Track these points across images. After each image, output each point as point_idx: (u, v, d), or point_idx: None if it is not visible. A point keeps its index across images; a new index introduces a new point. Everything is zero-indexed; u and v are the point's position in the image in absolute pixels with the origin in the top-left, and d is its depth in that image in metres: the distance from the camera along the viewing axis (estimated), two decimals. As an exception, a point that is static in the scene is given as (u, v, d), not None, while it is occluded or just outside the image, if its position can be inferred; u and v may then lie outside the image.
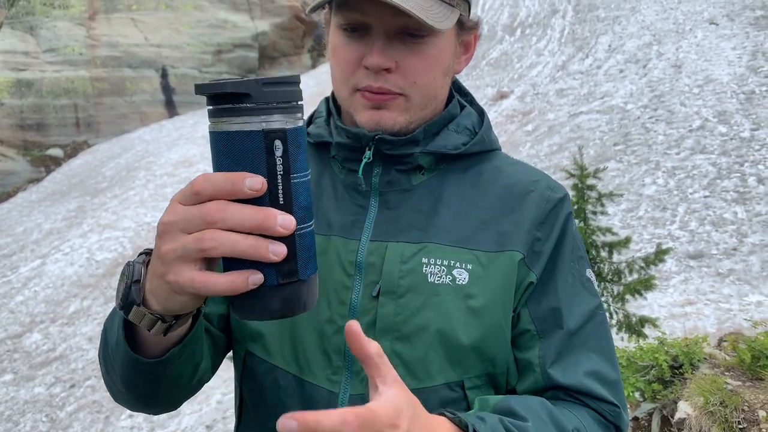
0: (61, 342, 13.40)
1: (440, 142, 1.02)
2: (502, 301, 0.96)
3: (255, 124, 0.59)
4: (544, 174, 1.08)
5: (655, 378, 4.05)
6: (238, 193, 0.58)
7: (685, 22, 18.47)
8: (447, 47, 0.99)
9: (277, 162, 0.60)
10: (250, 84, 0.59)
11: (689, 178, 11.51)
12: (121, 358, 0.82)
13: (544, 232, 0.99)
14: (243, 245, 0.58)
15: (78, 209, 21.49)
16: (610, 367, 0.96)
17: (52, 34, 31.68)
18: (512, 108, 17.61)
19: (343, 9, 0.93)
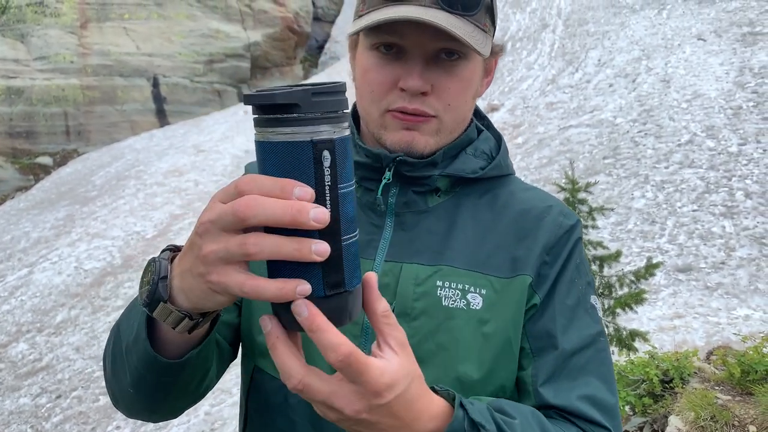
0: (48, 352, 13.26)
1: (458, 165, 1.03)
2: (514, 326, 0.97)
3: (304, 134, 0.59)
4: (558, 200, 1.10)
5: (646, 392, 4.07)
6: (286, 197, 0.57)
7: (673, 38, 18.69)
8: (477, 70, 1.01)
9: (325, 173, 0.59)
10: (300, 94, 0.59)
11: (678, 192, 11.61)
12: (138, 357, 0.81)
13: (552, 256, 1.01)
14: (287, 248, 0.57)
15: (67, 218, 21.33)
16: (607, 392, 0.96)
17: (42, 41, 31.56)
18: (503, 121, 17.71)
19: (378, 31, 0.93)
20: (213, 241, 0.60)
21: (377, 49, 0.96)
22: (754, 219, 10.42)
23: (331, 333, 0.59)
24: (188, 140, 25.81)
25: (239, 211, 0.56)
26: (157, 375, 0.83)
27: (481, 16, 0.96)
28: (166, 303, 0.71)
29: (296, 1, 36.43)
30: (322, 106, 0.59)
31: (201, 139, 25.61)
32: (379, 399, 0.63)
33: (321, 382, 0.63)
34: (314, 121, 0.59)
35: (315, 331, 0.59)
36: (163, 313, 0.72)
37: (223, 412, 8.74)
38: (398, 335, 0.66)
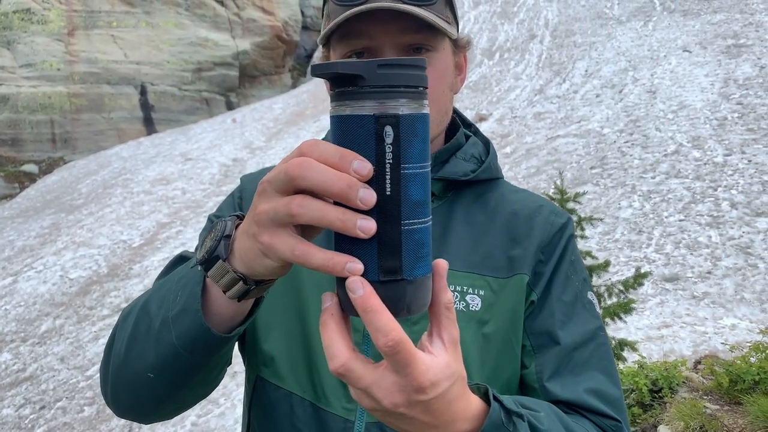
0: (32, 362, 13.10)
1: (450, 168, 1.05)
2: (513, 324, 0.98)
3: (367, 108, 0.56)
4: (547, 200, 1.12)
5: (635, 402, 4.08)
6: (343, 169, 0.55)
7: (659, 49, 18.89)
8: (449, 62, 1.03)
9: (387, 150, 0.56)
10: (364, 65, 0.56)
11: (664, 202, 11.70)
12: (180, 333, 0.77)
13: (546, 254, 1.03)
14: (331, 215, 0.55)
15: (52, 226, 21.15)
16: (612, 385, 0.98)
17: (29, 49, 31.37)
18: (491, 131, 17.79)
19: (347, 38, 0.95)
20: (267, 200, 0.59)
21: (350, 57, 0.97)
22: (739, 229, 10.52)
23: (384, 316, 0.57)
24: (176, 148, 25.70)
25: (291, 170, 0.56)
26: (198, 351, 0.79)
27: (441, 7, 0.98)
28: (224, 261, 0.69)
29: (285, 10, 36.50)
30: (390, 78, 0.56)
31: (189, 147, 25.51)
32: (421, 395, 0.61)
33: (365, 368, 0.60)
34: (379, 95, 0.56)
35: (368, 311, 0.56)
36: (218, 272, 0.70)
37: (210, 422, 8.66)
38: (453, 332, 0.64)
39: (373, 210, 0.56)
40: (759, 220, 10.62)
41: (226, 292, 0.71)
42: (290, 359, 0.98)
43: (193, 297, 0.76)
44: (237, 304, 0.74)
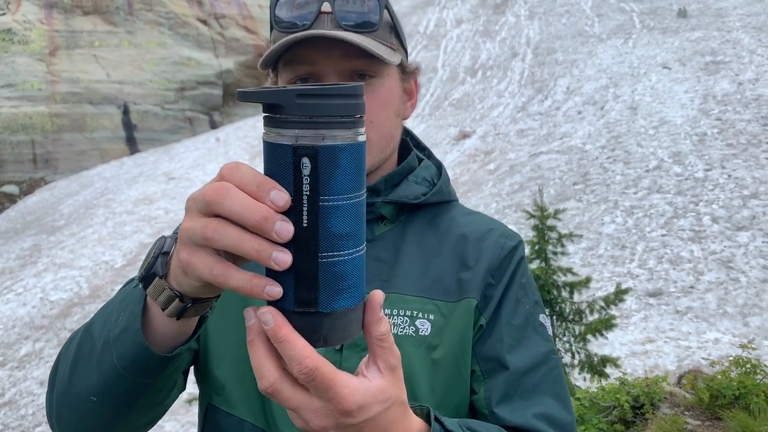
0: (11, 387, 12.89)
1: (401, 192, 1.05)
2: (461, 349, 0.97)
3: (286, 137, 0.54)
4: (499, 222, 1.12)
5: (618, 418, 4.05)
6: (260, 198, 0.54)
7: (639, 66, 19.15)
8: (395, 88, 1.03)
9: (304, 181, 0.55)
10: (283, 94, 0.54)
11: (647, 217, 11.77)
12: (121, 353, 0.76)
13: (496, 277, 1.02)
14: (246, 245, 0.54)
15: (33, 248, 20.91)
16: (563, 410, 0.97)
17: (10, 69, 31.19)
18: (474, 147, 17.89)
19: (291, 64, 0.97)
20: (189, 219, 0.58)
21: (295, 84, 0.98)
22: (721, 243, 10.60)
23: (297, 345, 0.56)
24: (159, 168, 25.60)
25: (207, 194, 0.55)
26: (139, 372, 0.78)
27: (385, 34, 0.99)
28: (161, 279, 0.69)
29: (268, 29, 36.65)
30: (310, 109, 0.54)
31: (172, 166, 25.41)
32: (348, 418, 0.59)
33: (292, 390, 0.58)
34: (298, 125, 0.54)
35: (280, 342, 0.55)
36: (156, 290, 0.69)
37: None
38: (389, 358, 0.63)
39: (291, 241, 0.55)
40: (740, 234, 10.71)
41: (164, 309, 0.69)
42: (242, 386, 0.96)
43: (133, 316, 0.75)
44: (178, 322, 0.72)
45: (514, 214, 12.48)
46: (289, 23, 0.96)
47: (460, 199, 1.15)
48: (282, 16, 0.97)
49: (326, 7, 0.95)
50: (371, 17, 0.96)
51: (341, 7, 0.95)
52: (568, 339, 4.85)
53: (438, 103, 22.60)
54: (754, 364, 4.24)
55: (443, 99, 22.81)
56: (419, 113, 22.17)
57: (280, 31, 0.96)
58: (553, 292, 4.72)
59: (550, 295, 4.71)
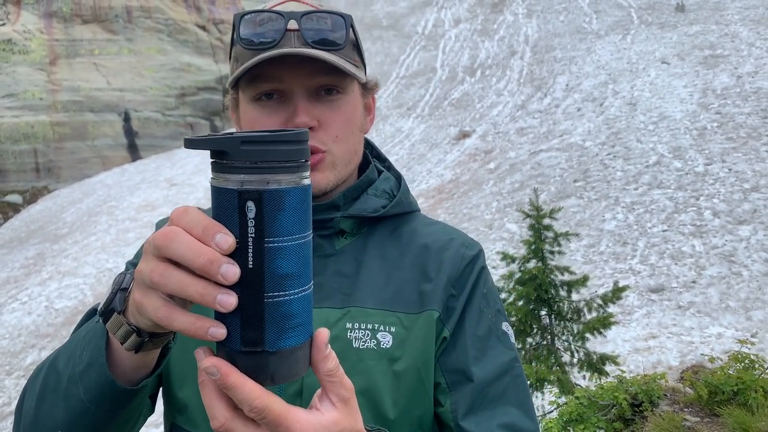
0: (17, 395, 12.95)
1: (360, 205, 1.05)
2: (423, 360, 0.97)
3: (231, 182, 0.56)
4: (460, 232, 1.11)
5: (616, 417, 4.05)
6: (205, 241, 0.56)
7: (638, 62, 19.13)
8: (357, 104, 1.04)
9: (249, 224, 0.56)
10: (229, 141, 0.56)
11: (648, 213, 11.76)
12: (88, 387, 0.77)
13: (458, 288, 1.02)
14: (191, 288, 0.56)
15: (37, 256, 20.99)
16: (526, 419, 0.98)
17: (11, 79, 31.31)
18: (474, 147, 17.89)
19: (257, 81, 0.96)
20: (144, 261, 0.60)
21: (259, 100, 0.98)
22: (722, 237, 10.58)
23: (246, 387, 0.57)
24: (161, 174, 25.66)
25: (157, 240, 0.57)
26: (106, 405, 0.79)
27: (349, 51, 1.00)
28: (119, 314, 0.71)
29: (268, 34, 36.82)
30: (254, 155, 0.57)
31: (173, 172, 25.47)
32: None
33: (244, 428, 0.59)
34: (244, 170, 0.56)
35: (229, 389, 0.57)
36: (114, 324, 0.71)
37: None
38: (341, 391, 0.64)
39: (237, 282, 0.56)
40: (741, 228, 10.69)
41: (123, 344, 0.71)
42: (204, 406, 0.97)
43: (97, 351, 0.76)
44: (139, 356, 0.74)
45: (515, 212, 12.47)
46: (254, 41, 0.95)
47: (461, 199, 1.15)
48: (247, 34, 0.96)
49: (293, 25, 0.95)
50: (337, 35, 0.97)
51: (307, 24, 0.95)
52: (566, 338, 4.85)
53: (437, 103, 22.61)
54: (753, 360, 4.24)
55: (443, 99, 22.82)
56: (419, 114, 22.19)
57: (246, 49, 0.96)
58: (551, 291, 4.72)
59: (548, 294, 4.72)
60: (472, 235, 9.69)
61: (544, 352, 4.71)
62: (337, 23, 0.97)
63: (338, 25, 0.97)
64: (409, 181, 17.07)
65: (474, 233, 12.91)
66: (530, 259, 4.93)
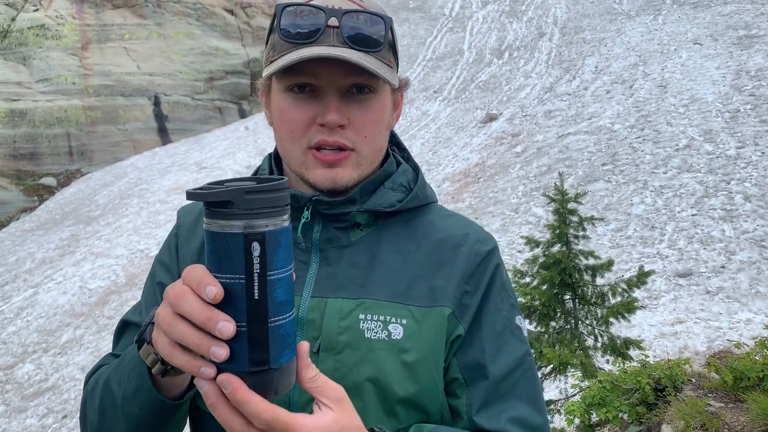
0: (54, 372, 13.29)
1: (376, 200, 1.07)
2: (434, 354, 0.99)
3: (236, 227, 0.65)
4: (476, 226, 1.13)
5: (639, 401, 4.08)
6: (200, 293, 0.67)
7: (669, 43, 18.75)
8: (387, 102, 1.06)
9: (254, 262, 0.66)
10: (233, 193, 0.65)
11: (677, 197, 11.61)
12: (141, 405, 0.89)
13: (472, 285, 1.04)
14: (190, 339, 0.68)
15: (71, 238, 21.45)
16: (535, 413, 1.00)
17: (45, 64, 31.87)
18: (501, 130, 17.76)
19: (291, 73, 0.98)
20: (163, 306, 0.72)
21: (291, 90, 1.00)
22: (753, 222, 10.41)
23: (254, 402, 0.67)
24: (190, 157, 25.94)
25: (170, 297, 0.69)
26: (159, 417, 0.90)
27: (386, 52, 1.01)
28: (148, 344, 0.82)
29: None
30: (255, 203, 0.66)
31: (203, 156, 25.74)
32: None
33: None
34: (246, 216, 0.66)
35: (239, 403, 0.67)
36: (144, 353, 0.83)
37: None
38: (331, 393, 0.74)
39: (245, 312, 0.67)
40: (773, 213, 10.51)
41: (151, 368, 0.83)
42: None
43: (142, 377, 0.87)
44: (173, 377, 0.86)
45: (541, 196, 12.40)
46: (294, 33, 0.97)
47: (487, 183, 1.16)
48: (286, 26, 0.97)
49: (333, 22, 0.96)
50: (375, 36, 0.98)
51: (347, 22, 0.96)
52: (590, 322, 4.87)
53: (464, 86, 22.45)
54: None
55: (469, 81, 22.65)
56: (445, 97, 22.06)
57: (285, 41, 0.98)
58: (575, 276, 4.74)
59: (572, 279, 4.74)
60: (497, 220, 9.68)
61: (567, 336, 4.74)
62: (377, 24, 0.99)
63: (377, 26, 0.99)
64: (434, 164, 17.03)
65: (500, 217, 12.89)
66: (554, 243, 4.94)
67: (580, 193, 5.19)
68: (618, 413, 4.04)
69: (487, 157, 16.53)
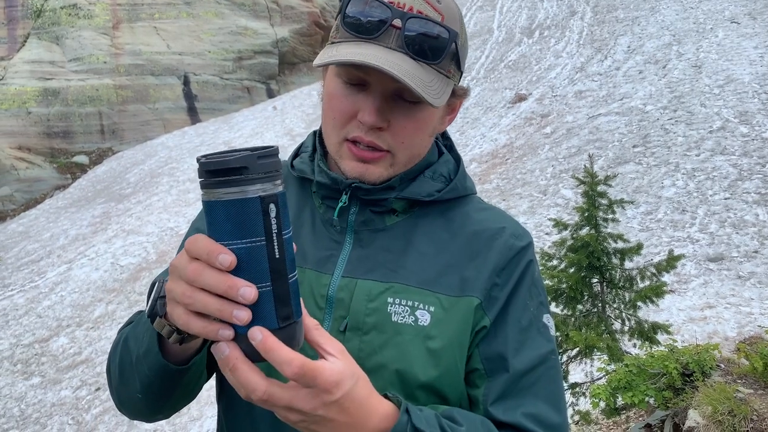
0: (87, 346, 13.65)
1: (415, 188, 1.07)
2: (459, 343, 1.00)
3: (252, 192, 0.68)
4: (512, 220, 1.12)
5: (666, 386, 4.06)
6: (212, 262, 0.69)
7: (705, 22, 18.28)
8: (437, 113, 1.04)
9: (272, 222, 0.69)
10: (248, 158, 0.68)
11: (709, 180, 11.40)
12: (150, 367, 0.93)
13: (503, 278, 1.04)
14: (212, 306, 0.70)
15: (103, 215, 21.85)
16: (553, 412, 1.00)
17: (77, 43, 32.28)
18: (530, 110, 17.56)
19: (347, 67, 0.98)
20: (172, 281, 0.75)
21: (343, 80, 1.00)
22: (788, 206, 10.19)
23: (283, 351, 0.70)
24: (219, 137, 26.16)
25: (188, 274, 0.71)
26: (166, 380, 0.94)
27: (446, 63, 0.98)
28: (161, 318, 0.86)
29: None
30: (266, 167, 0.69)
31: (231, 135, 25.93)
32: (330, 396, 0.73)
33: (281, 390, 0.73)
34: (260, 180, 0.69)
35: (269, 351, 0.69)
36: (159, 325, 0.87)
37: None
38: (335, 344, 0.77)
39: (267, 272, 0.70)
40: (810, 197, 10.27)
41: (168, 338, 0.87)
42: None
43: (152, 340, 0.91)
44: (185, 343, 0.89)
45: (570, 178, 12.27)
46: (357, 25, 0.95)
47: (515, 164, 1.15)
48: (352, 12, 0.96)
49: (397, 23, 0.93)
50: (438, 47, 0.95)
51: (412, 27, 0.94)
52: (618, 305, 4.84)
53: (493, 66, 22.19)
54: (811, 332, 4.15)
55: (498, 61, 22.38)
56: (474, 76, 21.84)
57: (346, 30, 0.97)
58: (603, 259, 4.70)
59: (600, 262, 4.70)
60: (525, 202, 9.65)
61: (594, 320, 4.72)
62: (443, 37, 0.96)
63: (442, 36, 0.96)
64: (461, 145, 16.92)
65: (527, 199, 12.80)
66: (583, 226, 4.90)
67: (610, 175, 5.13)
68: (644, 397, 4.03)
69: (515, 138, 16.37)
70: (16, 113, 30.34)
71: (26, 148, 30.13)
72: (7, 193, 28.50)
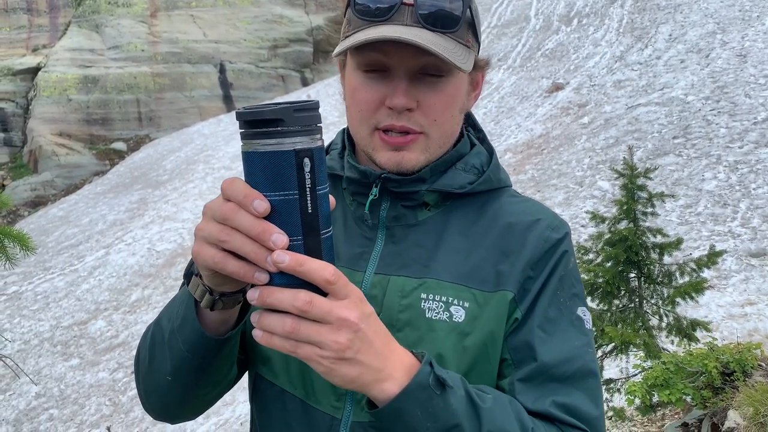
0: (124, 329, 13.96)
1: (446, 180, 1.05)
2: (493, 340, 0.98)
3: (287, 144, 0.68)
4: (549, 212, 1.09)
5: (705, 385, 3.96)
6: (246, 207, 0.68)
7: (752, 9, 17.72)
8: (462, 85, 1.03)
9: (306, 177, 0.69)
10: (284, 110, 0.68)
11: (753, 173, 11.08)
12: (185, 339, 0.91)
13: (536, 271, 1.01)
14: (247, 248, 0.69)
15: (140, 201, 22.26)
16: (590, 404, 0.96)
17: (116, 31, 32.84)
18: (567, 100, 17.28)
19: (364, 50, 0.96)
20: (205, 222, 0.74)
21: (363, 70, 0.99)
22: (835, 201, 9.86)
23: (316, 261, 0.69)
24: (253, 125, 26.34)
25: (224, 213, 0.70)
26: (200, 353, 0.92)
27: (463, 32, 0.97)
28: (196, 276, 0.84)
29: (358, -17, 36.51)
30: (302, 120, 0.69)
31: (266, 123, 26.07)
32: (366, 306, 0.74)
33: (323, 300, 0.71)
34: (296, 133, 0.68)
35: (302, 264, 0.68)
36: (193, 286, 0.85)
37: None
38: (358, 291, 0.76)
39: (299, 226, 0.70)
40: None
41: (200, 301, 0.84)
42: (284, 358, 1.04)
43: (188, 309, 0.89)
44: (221, 312, 0.87)
45: (608, 170, 12.05)
46: (367, 10, 0.95)
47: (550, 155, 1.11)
48: (362, 2, 0.96)
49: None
50: (453, 16, 0.95)
51: (423, 0, 0.93)
52: (655, 301, 4.73)
53: (530, 54, 21.88)
54: None
55: (536, 49, 22.06)
56: (510, 65, 21.58)
57: (358, 17, 0.96)
58: (641, 254, 4.59)
59: (638, 257, 4.59)
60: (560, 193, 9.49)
61: (630, 315, 4.62)
62: (454, 2, 0.95)
63: (455, 3, 0.95)
64: (496, 135, 16.75)
65: (563, 190, 12.61)
66: (621, 219, 4.79)
67: (651, 168, 4.99)
68: (681, 396, 3.94)
69: (551, 128, 16.13)
70: (57, 100, 31.04)
71: (66, 135, 30.84)
72: (49, 178, 29.24)
